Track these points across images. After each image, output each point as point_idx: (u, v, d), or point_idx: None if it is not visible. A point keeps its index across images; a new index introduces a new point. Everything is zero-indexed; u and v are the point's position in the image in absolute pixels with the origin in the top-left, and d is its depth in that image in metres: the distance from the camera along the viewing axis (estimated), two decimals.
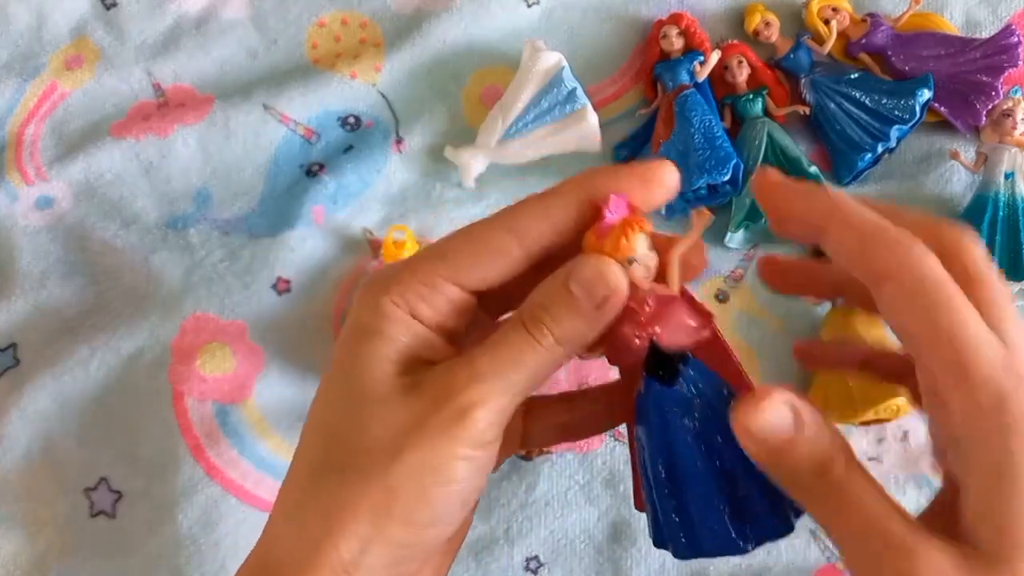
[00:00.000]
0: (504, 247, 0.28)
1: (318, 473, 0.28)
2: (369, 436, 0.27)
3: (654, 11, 0.64)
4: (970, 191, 0.59)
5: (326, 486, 0.28)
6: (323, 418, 0.29)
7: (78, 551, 0.53)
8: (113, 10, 0.65)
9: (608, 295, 0.27)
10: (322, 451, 0.29)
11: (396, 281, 0.29)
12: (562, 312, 0.28)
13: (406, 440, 0.27)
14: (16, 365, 0.57)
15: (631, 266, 0.27)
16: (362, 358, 0.29)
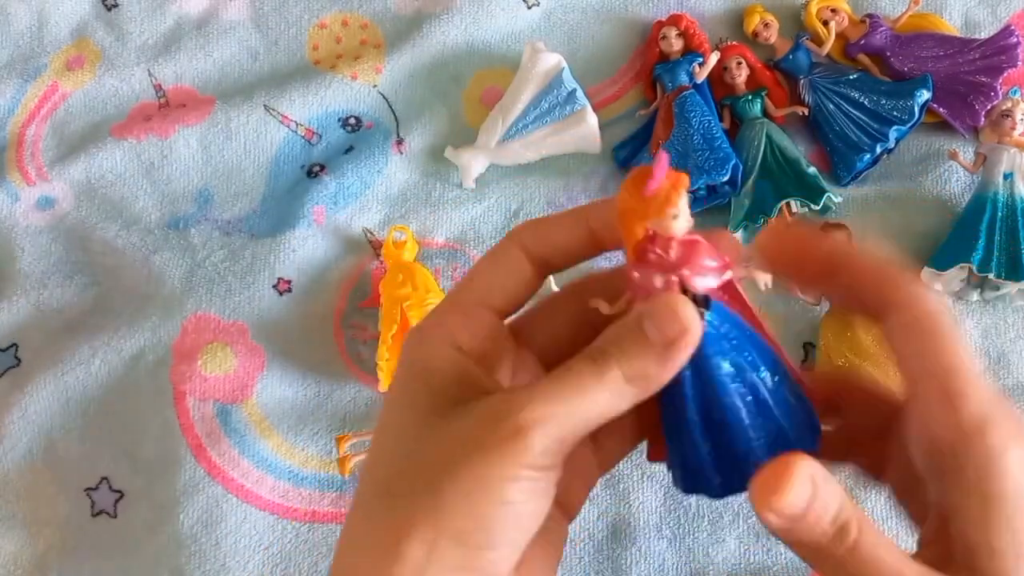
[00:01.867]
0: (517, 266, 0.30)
1: (377, 499, 0.28)
2: (423, 458, 0.27)
3: (653, 12, 0.64)
4: (969, 191, 0.59)
5: (382, 510, 0.28)
6: (381, 444, 0.30)
7: (79, 551, 0.53)
8: (114, 11, 0.65)
9: (681, 333, 0.27)
10: (381, 477, 0.29)
11: (439, 315, 0.31)
12: (632, 347, 0.27)
13: (460, 458, 0.26)
14: (17, 365, 0.57)
15: (675, 220, 0.28)
16: (415, 393, 0.29)
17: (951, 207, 0.59)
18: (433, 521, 0.26)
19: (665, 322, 0.27)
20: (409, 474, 0.28)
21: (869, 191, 0.60)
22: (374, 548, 0.27)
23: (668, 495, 0.54)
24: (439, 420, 0.28)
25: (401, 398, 0.30)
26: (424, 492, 0.27)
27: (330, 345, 0.57)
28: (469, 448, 0.27)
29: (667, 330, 0.27)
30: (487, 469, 0.26)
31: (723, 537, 0.53)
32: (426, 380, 0.29)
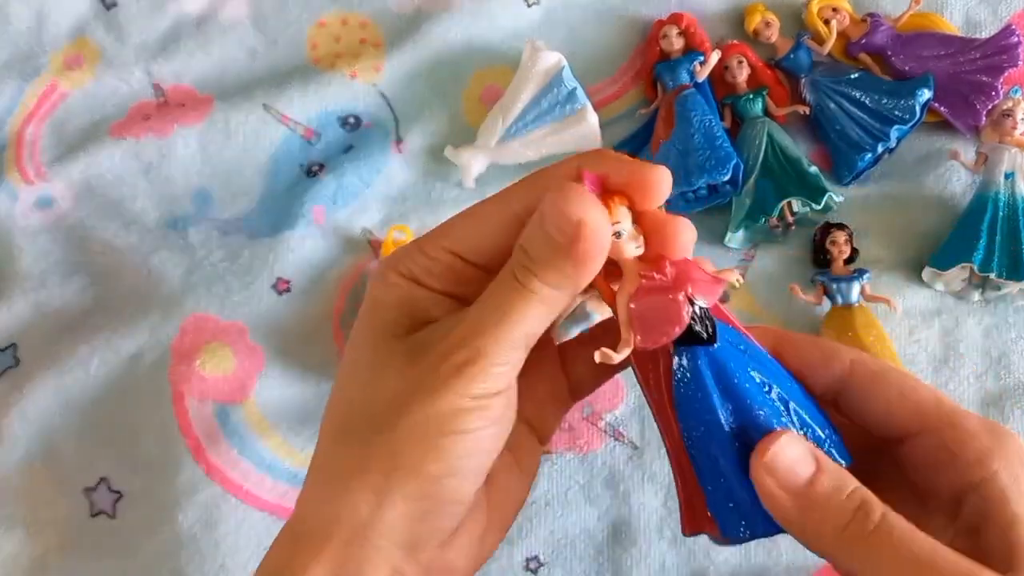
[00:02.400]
0: (498, 220, 0.30)
1: (335, 440, 0.30)
2: (377, 399, 0.28)
3: (654, 11, 0.64)
4: (970, 191, 0.59)
5: (341, 450, 0.29)
6: (339, 388, 0.31)
7: (78, 551, 0.53)
8: (113, 10, 0.65)
9: (579, 226, 0.26)
10: (339, 420, 0.30)
11: (404, 256, 0.31)
12: (545, 255, 0.27)
13: (411, 398, 0.28)
14: (16, 365, 0.57)
15: (619, 240, 0.26)
16: (369, 327, 0.31)
17: (952, 206, 0.59)
18: (388, 455, 0.27)
19: (560, 222, 0.26)
20: (364, 412, 0.29)
21: (870, 190, 0.60)
22: (333, 482, 0.28)
23: (668, 496, 0.54)
24: (389, 356, 0.29)
25: (356, 335, 0.31)
26: (379, 429, 0.28)
27: (330, 345, 0.57)
28: (417, 388, 0.28)
29: (564, 228, 0.26)
30: (437, 405, 0.27)
31: None
32: (376, 313, 0.31)
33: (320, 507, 0.28)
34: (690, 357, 0.27)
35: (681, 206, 0.59)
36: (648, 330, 0.27)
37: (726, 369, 0.27)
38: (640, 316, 0.27)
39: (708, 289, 0.27)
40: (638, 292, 0.27)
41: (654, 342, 0.27)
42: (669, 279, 0.27)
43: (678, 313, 0.26)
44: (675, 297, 0.26)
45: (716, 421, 0.27)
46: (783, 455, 0.26)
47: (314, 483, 0.30)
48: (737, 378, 0.27)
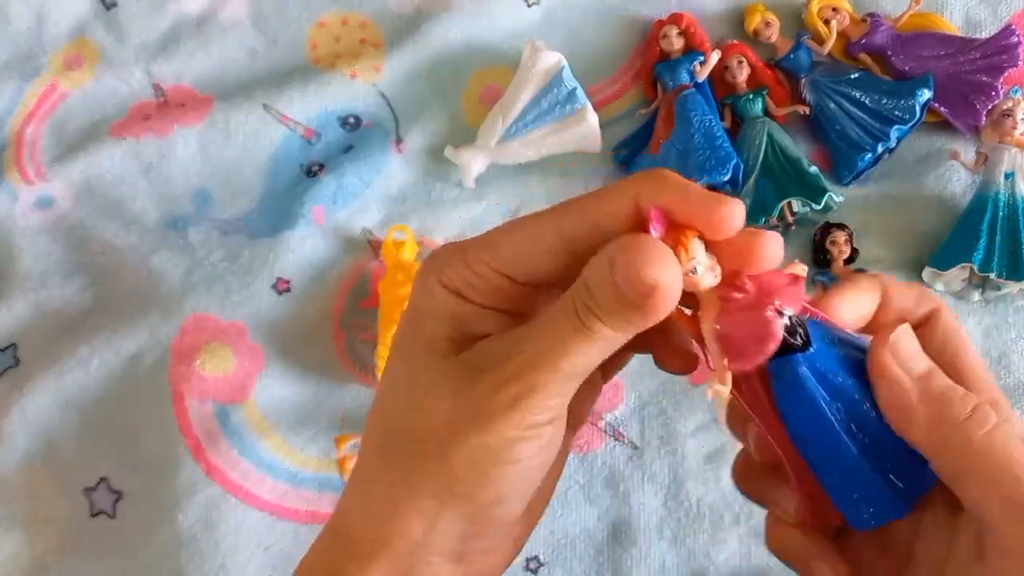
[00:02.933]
0: (550, 246, 0.28)
1: (384, 459, 0.29)
2: (428, 422, 0.28)
3: (654, 11, 0.64)
4: (970, 191, 0.59)
5: (391, 471, 0.29)
6: (384, 401, 0.31)
7: (78, 551, 0.53)
8: (113, 10, 0.65)
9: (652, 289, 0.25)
10: (386, 434, 0.30)
11: (448, 264, 0.29)
12: (611, 303, 0.26)
13: (466, 426, 0.27)
14: (16, 365, 0.57)
15: (696, 275, 0.25)
16: (416, 341, 0.30)
17: (952, 206, 0.59)
18: (442, 482, 0.28)
19: (633, 282, 0.25)
20: (414, 433, 0.29)
21: (870, 190, 0.60)
22: (383, 502, 0.29)
23: (669, 496, 0.54)
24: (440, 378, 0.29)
25: (402, 347, 0.31)
26: (431, 455, 0.28)
27: (330, 345, 0.57)
28: (472, 416, 0.27)
29: (638, 288, 0.25)
30: (491, 437, 0.27)
31: (724, 538, 0.53)
32: (422, 327, 0.30)
33: (372, 522, 0.29)
34: (789, 368, 0.26)
35: None
36: (741, 352, 0.26)
37: (826, 370, 0.26)
38: (730, 339, 0.26)
39: (793, 295, 0.26)
40: (723, 315, 0.26)
41: (752, 363, 0.26)
42: (752, 295, 0.25)
43: (770, 329, 0.25)
44: (762, 313, 0.25)
45: (828, 424, 0.26)
46: (904, 342, 0.26)
47: (363, 497, 0.30)
48: (838, 376, 0.26)
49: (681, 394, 0.56)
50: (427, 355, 0.29)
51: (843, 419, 0.26)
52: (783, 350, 0.26)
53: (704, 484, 0.54)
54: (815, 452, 0.27)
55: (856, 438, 0.26)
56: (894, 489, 0.27)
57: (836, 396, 0.26)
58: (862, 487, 0.27)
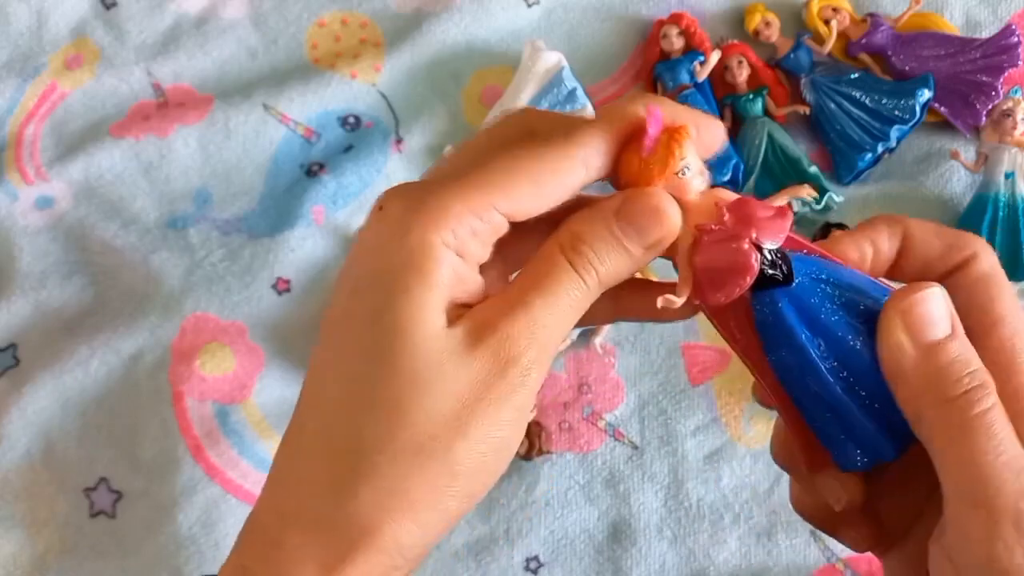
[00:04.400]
0: (576, 179, 0.26)
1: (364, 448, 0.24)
2: (428, 410, 0.24)
3: (654, 11, 0.64)
4: (970, 191, 0.59)
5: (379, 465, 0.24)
6: (361, 381, 0.25)
7: (78, 551, 0.53)
8: (113, 10, 0.65)
9: (662, 237, 0.25)
10: (364, 423, 0.25)
11: (444, 212, 0.25)
12: (611, 252, 0.25)
13: (468, 413, 0.24)
14: (16, 365, 0.57)
15: (685, 176, 0.25)
16: (409, 313, 0.24)
17: (952, 206, 0.59)
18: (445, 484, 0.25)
19: (648, 226, 0.25)
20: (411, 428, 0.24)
21: (870, 190, 0.60)
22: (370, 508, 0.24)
23: (669, 496, 0.54)
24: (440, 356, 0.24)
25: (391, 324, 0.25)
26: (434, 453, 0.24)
27: None
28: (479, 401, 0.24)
29: (649, 235, 0.25)
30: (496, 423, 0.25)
31: (724, 538, 0.53)
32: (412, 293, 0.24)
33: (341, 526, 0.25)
34: (769, 301, 0.26)
35: None
36: (718, 285, 0.25)
37: (809, 306, 0.26)
38: (707, 271, 0.25)
39: (774, 226, 0.25)
40: (700, 246, 0.25)
41: (727, 296, 0.25)
42: (729, 226, 0.25)
43: (746, 262, 0.25)
44: (739, 246, 0.25)
45: (810, 360, 0.26)
46: (924, 307, 0.25)
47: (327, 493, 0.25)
48: (823, 312, 0.26)
49: (681, 394, 0.56)
50: (423, 334, 0.24)
51: (828, 356, 0.26)
52: (765, 284, 0.26)
53: (704, 484, 0.54)
54: (799, 390, 0.27)
55: (841, 376, 0.26)
56: (883, 429, 0.26)
57: (820, 333, 0.26)
58: (848, 426, 0.26)
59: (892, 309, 0.25)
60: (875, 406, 0.26)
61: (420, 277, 0.24)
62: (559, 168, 0.25)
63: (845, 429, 0.26)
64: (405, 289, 0.24)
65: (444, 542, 0.53)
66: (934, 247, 0.27)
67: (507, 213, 0.25)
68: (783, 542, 0.52)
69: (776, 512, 0.53)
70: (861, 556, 0.52)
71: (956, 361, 0.24)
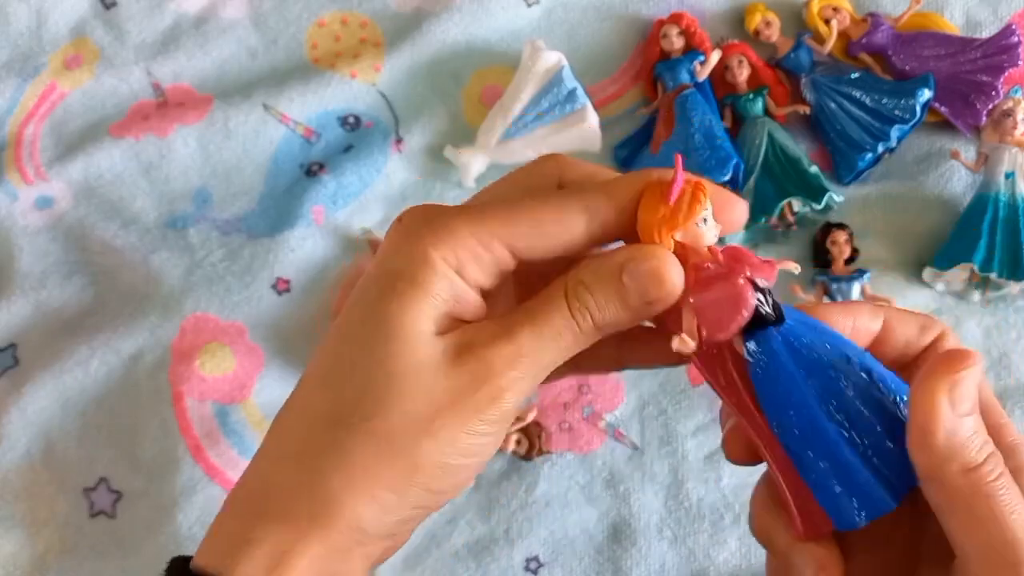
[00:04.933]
0: (577, 227, 0.27)
1: (337, 427, 0.27)
2: (402, 404, 0.26)
3: (654, 11, 0.64)
4: (970, 191, 0.59)
5: (345, 451, 0.26)
6: (344, 368, 0.27)
7: (77, 551, 0.53)
8: (113, 10, 0.65)
9: (665, 298, 0.27)
10: (341, 404, 0.27)
11: (449, 233, 0.27)
12: (611, 302, 0.27)
13: (439, 417, 0.26)
14: (16, 365, 0.57)
15: (702, 227, 0.26)
16: (400, 312, 0.27)
17: (953, 206, 0.59)
18: (407, 472, 0.26)
19: (649, 284, 0.27)
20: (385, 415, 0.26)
21: (871, 190, 0.59)
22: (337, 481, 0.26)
23: (669, 496, 0.54)
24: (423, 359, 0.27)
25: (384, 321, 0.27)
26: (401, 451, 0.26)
27: None
28: (450, 408, 0.26)
29: (650, 292, 0.27)
30: (464, 431, 0.26)
31: (724, 538, 0.53)
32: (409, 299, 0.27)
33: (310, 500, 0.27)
34: (762, 340, 0.26)
35: None
36: (715, 321, 0.26)
37: (802, 345, 0.26)
38: (705, 308, 0.26)
39: (765, 270, 0.26)
40: (695, 285, 0.26)
41: (724, 331, 0.26)
42: (724, 266, 0.26)
43: (743, 296, 0.26)
44: (735, 281, 0.26)
45: (804, 402, 0.26)
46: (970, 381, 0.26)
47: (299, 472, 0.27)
48: (816, 352, 0.26)
49: (681, 394, 0.56)
50: (411, 334, 0.27)
51: (823, 398, 0.26)
52: (758, 324, 0.26)
53: (704, 484, 0.54)
54: (794, 438, 0.26)
55: (836, 421, 0.26)
56: (880, 478, 0.26)
57: (816, 375, 0.26)
58: (846, 477, 0.26)
59: (941, 377, 0.26)
60: (871, 455, 0.26)
61: (414, 283, 0.27)
62: (560, 214, 0.28)
63: (843, 480, 0.26)
64: (399, 291, 0.27)
65: (444, 541, 0.53)
66: (912, 328, 0.30)
67: (510, 247, 0.27)
68: None
69: None
70: None
71: (978, 432, 0.26)
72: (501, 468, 0.55)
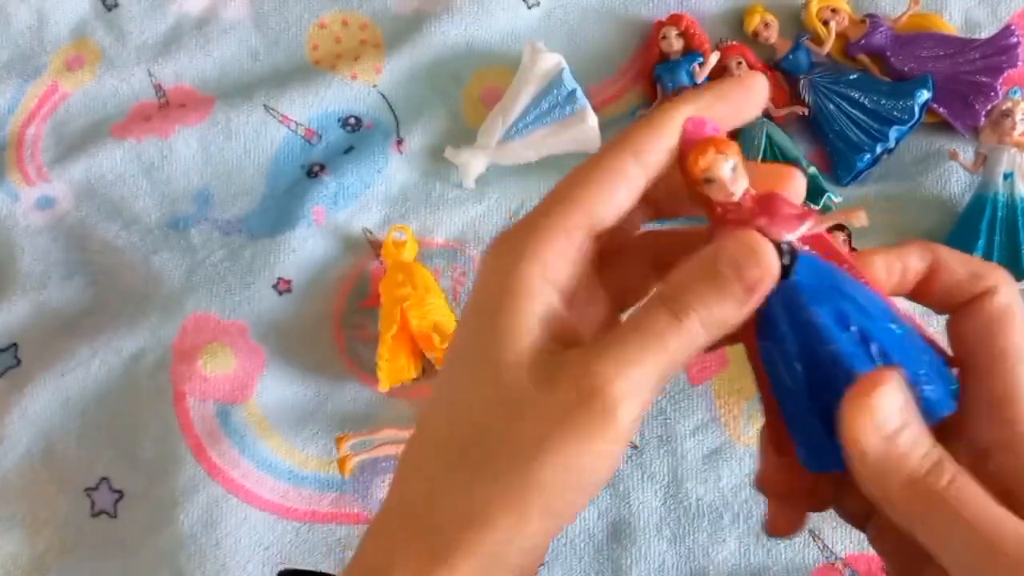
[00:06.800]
0: (632, 172, 0.27)
1: (455, 462, 0.27)
2: (510, 428, 0.26)
3: (654, 12, 0.64)
4: (969, 191, 0.59)
5: (465, 476, 0.26)
6: (454, 401, 0.28)
7: (78, 551, 0.53)
8: (114, 11, 0.65)
9: (762, 277, 0.26)
10: (456, 438, 0.27)
11: (530, 237, 0.27)
12: (711, 295, 0.26)
13: (550, 436, 0.25)
14: (17, 365, 0.57)
15: (732, 174, 0.26)
16: (496, 336, 0.27)
17: (951, 207, 0.59)
18: (526, 497, 0.26)
19: (745, 267, 0.26)
20: (496, 442, 0.26)
21: (869, 191, 0.60)
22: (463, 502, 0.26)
23: (668, 495, 0.54)
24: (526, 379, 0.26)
25: (477, 346, 0.27)
26: (513, 471, 0.26)
27: (330, 345, 0.57)
28: (558, 427, 0.25)
29: (747, 274, 0.26)
30: (580, 454, 0.25)
31: (723, 537, 0.53)
32: (511, 328, 0.27)
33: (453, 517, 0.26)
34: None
35: None
36: None
37: (798, 304, 0.26)
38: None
39: (788, 223, 0.26)
40: (716, 222, 0.27)
41: None
42: (745, 210, 0.27)
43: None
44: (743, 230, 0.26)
45: (786, 357, 0.27)
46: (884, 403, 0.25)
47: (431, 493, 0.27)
48: (808, 313, 0.26)
49: (680, 394, 0.56)
50: (511, 356, 0.26)
51: (801, 355, 0.27)
52: None
53: (703, 483, 0.54)
54: (774, 379, 0.28)
55: (811, 380, 0.27)
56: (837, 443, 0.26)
57: (799, 333, 0.27)
58: (808, 428, 0.27)
59: (854, 407, 0.25)
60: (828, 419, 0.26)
61: (504, 306, 0.27)
62: (611, 166, 0.27)
63: (805, 429, 0.27)
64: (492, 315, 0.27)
65: None
66: (960, 274, 0.29)
67: (590, 223, 0.27)
68: (782, 541, 0.53)
69: None
70: (860, 555, 0.52)
71: (918, 444, 0.25)
72: None
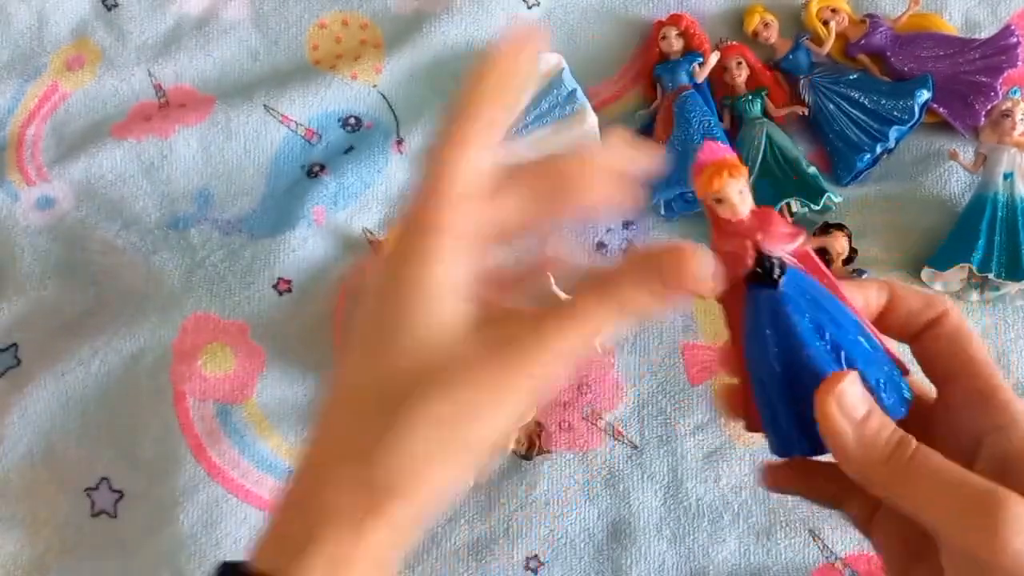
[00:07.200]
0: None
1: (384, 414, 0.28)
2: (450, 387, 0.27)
3: (654, 12, 0.64)
4: (969, 191, 0.59)
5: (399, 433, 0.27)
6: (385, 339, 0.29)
7: (78, 551, 0.53)
8: (114, 11, 0.65)
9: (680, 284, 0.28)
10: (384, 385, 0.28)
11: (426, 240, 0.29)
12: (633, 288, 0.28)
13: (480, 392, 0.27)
14: (17, 365, 0.57)
15: (739, 197, 0.30)
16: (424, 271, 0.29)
17: (951, 207, 0.59)
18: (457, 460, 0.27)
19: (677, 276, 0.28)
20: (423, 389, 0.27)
21: (869, 191, 0.60)
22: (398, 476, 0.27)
23: (668, 495, 0.54)
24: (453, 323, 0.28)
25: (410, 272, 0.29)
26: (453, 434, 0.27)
27: (330, 345, 0.57)
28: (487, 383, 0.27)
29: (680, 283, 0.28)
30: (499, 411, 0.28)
31: (723, 537, 0.53)
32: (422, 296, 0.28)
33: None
34: (753, 297, 0.31)
35: (681, 206, 0.59)
36: (725, 268, 0.30)
37: (782, 312, 0.30)
38: (721, 256, 0.30)
39: (780, 238, 0.30)
40: (718, 234, 0.31)
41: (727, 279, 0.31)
42: (743, 225, 0.30)
43: (742, 255, 0.30)
44: (742, 242, 0.30)
45: (765, 355, 0.31)
46: (850, 391, 0.29)
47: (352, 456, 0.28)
48: (790, 320, 0.30)
49: (680, 394, 0.56)
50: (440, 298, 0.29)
51: (780, 358, 0.30)
52: (758, 281, 0.31)
53: (703, 483, 0.54)
54: (755, 376, 0.32)
55: (786, 377, 0.30)
56: (803, 430, 0.30)
57: (781, 337, 0.30)
58: (776, 416, 0.31)
59: (826, 394, 0.29)
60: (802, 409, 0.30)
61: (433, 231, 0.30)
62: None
63: (774, 416, 0.31)
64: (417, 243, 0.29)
65: (444, 541, 0.53)
66: (915, 303, 0.33)
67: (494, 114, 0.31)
68: (782, 541, 0.53)
69: (775, 511, 0.53)
70: (860, 555, 0.52)
71: (884, 426, 0.29)
72: (501, 467, 0.55)
